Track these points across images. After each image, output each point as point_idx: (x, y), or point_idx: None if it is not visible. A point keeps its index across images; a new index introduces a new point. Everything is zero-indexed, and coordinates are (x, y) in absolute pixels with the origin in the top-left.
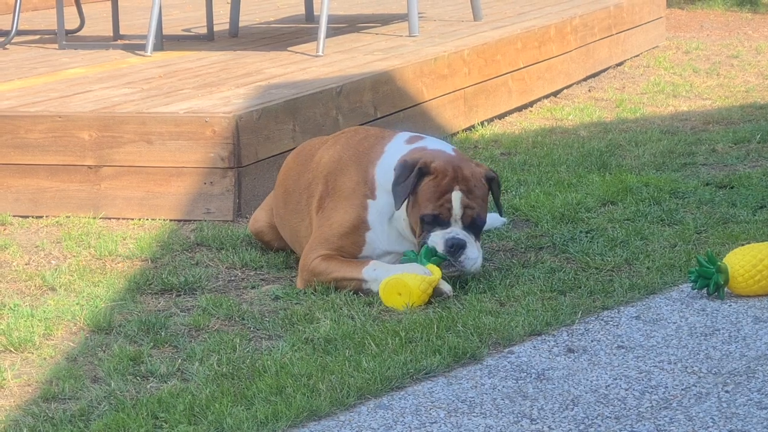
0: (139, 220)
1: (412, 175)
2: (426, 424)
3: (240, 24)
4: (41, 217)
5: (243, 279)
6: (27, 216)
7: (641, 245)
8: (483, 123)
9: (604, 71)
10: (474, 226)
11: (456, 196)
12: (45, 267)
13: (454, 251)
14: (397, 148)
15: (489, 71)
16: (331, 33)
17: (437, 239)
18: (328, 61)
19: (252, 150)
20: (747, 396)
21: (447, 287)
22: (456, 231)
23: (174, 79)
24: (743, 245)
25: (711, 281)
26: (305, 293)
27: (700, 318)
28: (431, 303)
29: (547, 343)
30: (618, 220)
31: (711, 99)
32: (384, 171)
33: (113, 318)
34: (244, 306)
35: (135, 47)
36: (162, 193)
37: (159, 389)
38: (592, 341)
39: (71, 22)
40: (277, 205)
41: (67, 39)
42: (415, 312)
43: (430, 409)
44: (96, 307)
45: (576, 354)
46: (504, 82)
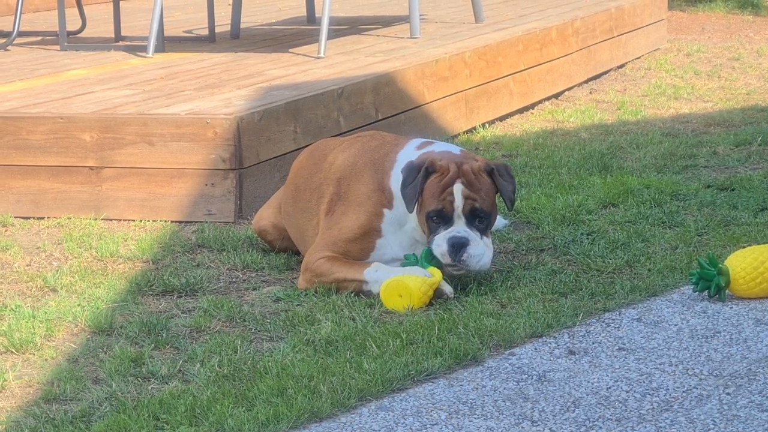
0: (141, 221)
1: (419, 176)
2: (427, 425)
3: (241, 25)
4: (42, 219)
5: (244, 280)
6: (28, 217)
7: (642, 247)
8: (484, 125)
9: (605, 73)
10: (476, 216)
11: (457, 188)
12: (46, 268)
13: (455, 250)
14: (408, 155)
15: (490, 73)
16: (333, 35)
17: (440, 240)
18: (329, 63)
19: (253, 151)
20: (748, 398)
21: (448, 288)
22: (458, 229)
23: (175, 81)
24: (744, 247)
25: (712, 283)
26: (306, 294)
27: (701, 320)
28: (432, 305)
29: (548, 345)
30: (619, 222)
31: (712, 101)
32: (398, 180)
33: (114, 319)
34: (245, 307)
35: (136, 49)
36: (163, 195)
37: (160, 390)
38: (593, 343)
39: (73, 23)
40: (286, 202)
41: (69, 40)
42: (416, 314)
43: (431, 411)
44: (97, 309)
45: (577, 356)
46: (505, 84)
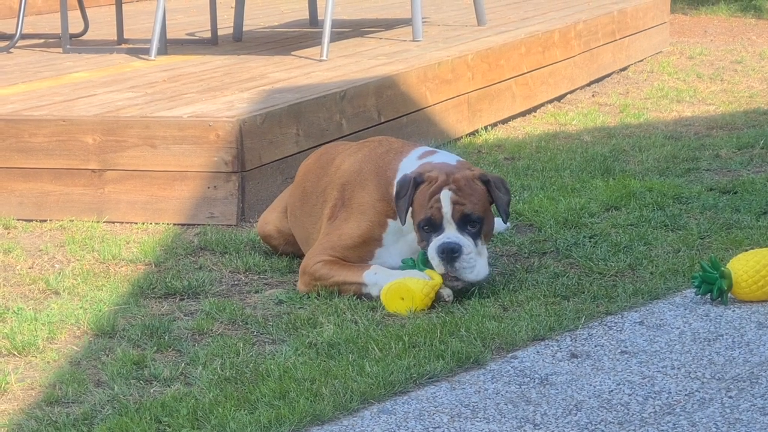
0: (143, 224)
1: (410, 188)
2: (429, 429)
3: (244, 28)
4: (45, 221)
5: (246, 283)
6: (31, 220)
7: (645, 250)
8: (487, 128)
9: (607, 76)
10: (467, 221)
11: (445, 194)
12: (49, 271)
13: (446, 257)
14: (410, 164)
15: (493, 76)
16: (335, 37)
17: (432, 251)
18: (331, 66)
19: (256, 154)
20: (750, 402)
21: (447, 291)
22: (449, 235)
23: (178, 84)
24: (747, 251)
25: (714, 286)
26: (308, 297)
27: (703, 323)
28: (434, 308)
29: (551, 348)
30: (621, 225)
31: (715, 104)
32: None
33: (117, 322)
34: (247, 310)
35: (139, 51)
36: (166, 197)
37: (162, 393)
38: (595, 346)
39: (75, 26)
40: (294, 205)
41: (71, 43)
42: (419, 317)
43: (433, 414)
44: (99, 311)
45: (579, 359)
46: (508, 86)
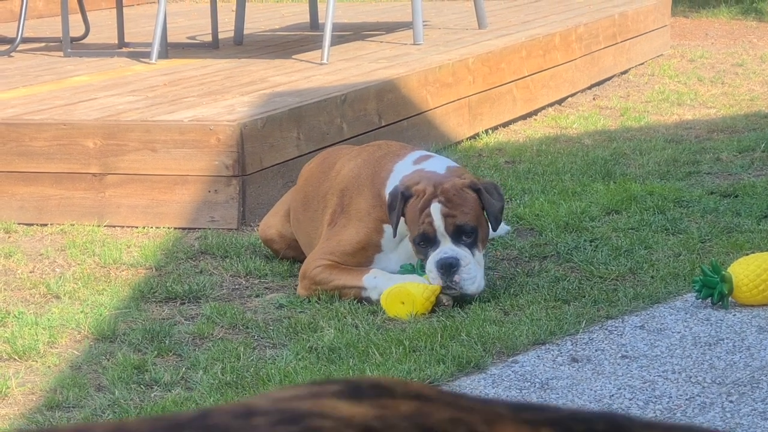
0: (144, 228)
1: (398, 202)
2: None
3: (245, 32)
4: (46, 225)
5: (247, 287)
6: (32, 224)
7: (645, 254)
8: (487, 131)
9: (608, 79)
10: (461, 232)
11: (435, 208)
12: (49, 275)
13: (445, 271)
14: (405, 168)
15: (493, 79)
16: (336, 41)
17: (430, 265)
18: (332, 69)
19: (256, 158)
20: (751, 406)
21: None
22: (444, 249)
23: (178, 87)
24: (748, 254)
25: (715, 291)
26: (309, 302)
27: (704, 328)
28: (435, 312)
29: (551, 353)
30: (622, 229)
31: (715, 107)
32: None
33: (117, 326)
34: (248, 314)
35: (140, 55)
36: (166, 201)
37: (163, 398)
38: (596, 351)
39: (76, 29)
40: (296, 208)
41: (72, 46)
42: (419, 321)
43: None
44: (100, 315)
45: (580, 363)
46: (508, 90)
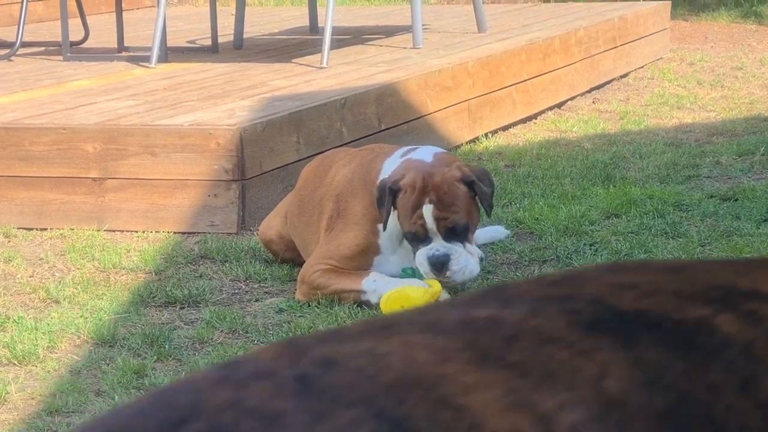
0: (143, 232)
1: (386, 196)
2: None
3: (244, 36)
4: (45, 230)
5: (247, 292)
6: (31, 228)
7: (645, 258)
8: (487, 135)
9: (608, 83)
10: (454, 233)
11: (426, 210)
12: (49, 279)
13: (437, 268)
14: (393, 163)
15: (493, 83)
16: (336, 45)
17: (421, 258)
18: (332, 73)
19: (256, 162)
20: None
21: (446, 299)
22: (437, 246)
23: (178, 91)
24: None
25: None
26: (309, 306)
27: None
28: None
29: None
30: (622, 232)
31: (715, 111)
32: None
33: (117, 331)
34: (247, 319)
35: (139, 59)
36: (166, 206)
37: None
38: None
39: (76, 33)
40: (292, 212)
41: (72, 51)
42: None
43: None
44: (100, 320)
45: None
46: (508, 93)
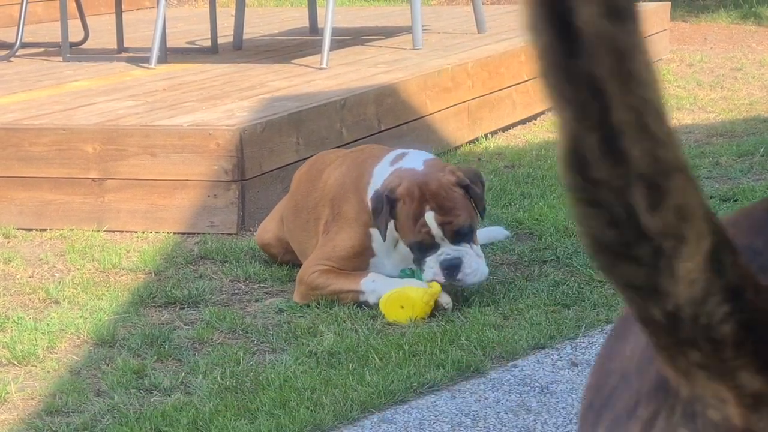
0: (143, 232)
1: (384, 206)
2: None
3: (244, 36)
4: (45, 230)
5: (247, 292)
6: (31, 229)
7: None
8: (487, 136)
9: None
10: (461, 236)
11: (429, 217)
12: (49, 280)
13: (450, 272)
14: (383, 170)
15: (493, 84)
16: (335, 45)
17: (432, 264)
18: (332, 74)
19: (256, 163)
20: None
21: (446, 299)
22: (447, 251)
23: (178, 92)
24: None
25: None
26: (309, 306)
27: None
28: (434, 316)
29: (551, 357)
30: None
31: (715, 112)
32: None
33: (117, 331)
34: (247, 319)
35: (139, 60)
36: (166, 206)
37: (162, 403)
38: (596, 355)
39: (75, 34)
40: (287, 216)
41: (71, 51)
42: (419, 325)
43: (433, 423)
44: (99, 320)
45: (580, 368)
46: (508, 94)
